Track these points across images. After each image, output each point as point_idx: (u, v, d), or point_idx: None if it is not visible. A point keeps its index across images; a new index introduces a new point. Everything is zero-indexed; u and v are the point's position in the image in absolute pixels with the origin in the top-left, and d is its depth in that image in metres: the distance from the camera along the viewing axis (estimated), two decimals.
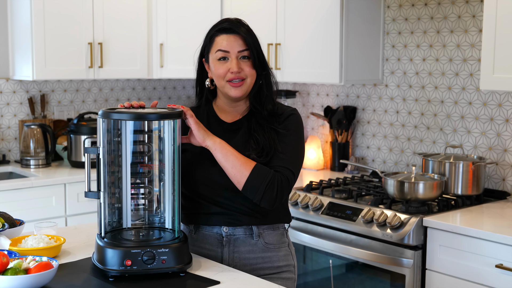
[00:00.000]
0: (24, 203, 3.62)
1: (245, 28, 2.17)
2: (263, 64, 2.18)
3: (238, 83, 2.14)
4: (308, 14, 3.72)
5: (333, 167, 4.06)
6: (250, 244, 2.18)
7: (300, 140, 2.21)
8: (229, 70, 2.12)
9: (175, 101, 4.89)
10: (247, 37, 2.15)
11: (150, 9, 4.25)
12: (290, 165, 2.12)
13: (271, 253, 2.20)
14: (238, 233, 2.17)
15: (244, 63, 2.14)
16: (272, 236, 2.21)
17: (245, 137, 2.17)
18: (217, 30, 2.17)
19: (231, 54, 2.13)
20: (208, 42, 2.18)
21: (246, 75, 2.14)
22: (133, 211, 2.09)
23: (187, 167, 2.15)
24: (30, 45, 3.88)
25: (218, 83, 2.17)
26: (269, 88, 2.21)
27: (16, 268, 1.80)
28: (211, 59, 2.17)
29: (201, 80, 2.26)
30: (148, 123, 2.04)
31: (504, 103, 3.32)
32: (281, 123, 2.18)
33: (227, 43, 2.13)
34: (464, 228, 2.74)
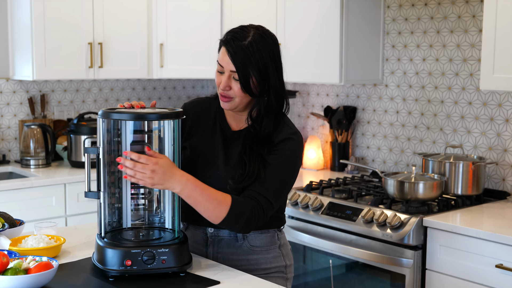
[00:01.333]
0: (24, 203, 3.62)
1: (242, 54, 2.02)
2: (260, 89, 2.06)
3: (226, 99, 2.08)
4: (308, 14, 3.72)
5: (333, 167, 4.06)
6: (235, 246, 2.16)
7: (289, 168, 2.09)
8: (220, 85, 2.08)
9: (175, 101, 4.89)
10: (235, 58, 2.02)
11: (150, 9, 4.25)
12: (269, 194, 2.03)
13: (258, 256, 2.17)
14: (222, 235, 2.16)
15: (234, 83, 2.05)
16: (259, 239, 2.17)
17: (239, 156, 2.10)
18: (223, 40, 2.09)
19: (225, 69, 2.06)
20: (219, 47, 2.11)
21: (235, 95, 2.06)
22: (133, 211, 2.09)
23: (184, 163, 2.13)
24: (30, 45, 3.88)
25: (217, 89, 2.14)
26: (268, 111, 2.09)
27: (16, 268, 1.80)
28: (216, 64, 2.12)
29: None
30: (148, 123, 2.04)
31: (504, 103, 3.32)
32: (274, 146, 2.08)
33: (222, 58, 2.06)
34: (464, 228, 2.74)
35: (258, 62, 2.04)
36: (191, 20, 4.23)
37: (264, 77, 2.05)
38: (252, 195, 2.02)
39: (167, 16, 4.25)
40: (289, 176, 2.09)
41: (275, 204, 2.06)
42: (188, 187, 1.94)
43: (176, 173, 1.93)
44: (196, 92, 5.00)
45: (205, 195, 1.96)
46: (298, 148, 2.12)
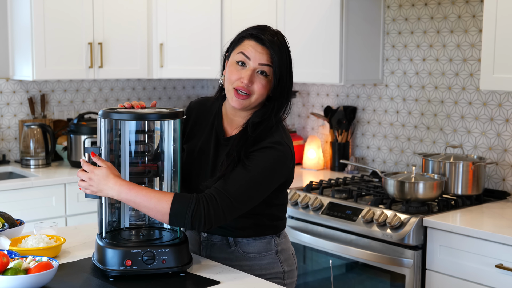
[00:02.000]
0: (24, 203, 3.62)
1: (278, 47, 2.01)
2: (283, 91, 2.04)
3: (243, 95, 2.01)
4: (308, 14, 3.72)
5: (333, 167, 4.06)
6: (227, 252, 2.14)
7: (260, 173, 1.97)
8: (240, 79, 2.01)
9: (175, 101, 4.90)
10: (274, 56, 2.00)
11: (150, 9, 4.25)
12: (229, 192, 1.93)
13: (251, 262, 2.13)
14: (215, 240, 2.15)
15: (258, 78, 2.01)
16: (253, 245, 2.13)
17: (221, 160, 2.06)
18: (250, 33, 2.04)
19: (251, 63, 2.01)
20: (237, 41, 2.07)
21: (254, 91, 2.01)
22: (133, 211, 2.09)
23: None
24: (30, 45, 3.88)
25: (226, 86, 2.07)
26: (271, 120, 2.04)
27: (16, 268, 1.80)
28: (231, 59, 2.05)
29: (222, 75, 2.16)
30: (148, 123, 2.04)
31: (504, 103, 3.32)
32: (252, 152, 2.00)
33: (252, 50, 2.01)
34: (464, 228, 2.74)
35: (288, 61, 2.04)
36: (191, 20, 4.23)
37: (289, 78, 2.05)
38: (209, 191, 1.94)
39: (167, 16, 4.25)
40: (259, 180, 1.97)
41: (237, 204, 1.94)
42: (123, 191, 1.92)
43: (110, 179, 1.93)
44: (196, 92, 5.00)
45: (141, 195, 1.91)
46: (277, 158, 2.00)
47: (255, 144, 2.01)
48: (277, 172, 2.02)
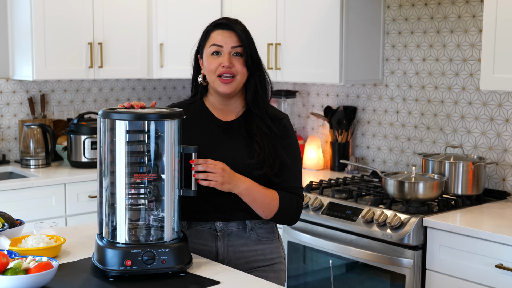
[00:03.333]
0: (24, 203, 3.62)
1: (241, 27, 2.20)
2: (256, 64, 2.20)
3: (228, 79, 2.16)
4: (308, 14, 3.72)
5: (333, 167, 4.06)
6: (244, 237, 2.21)
7: (299, 149, 2.28)
8: (220, 65, 2.15)
9: (175, 101, 4.88)
10: (241, 35, 2.17)
11: (150, 9, 4.25)
12: (301, 182, 2.25)
13: (264, 246, 2.24)
14: (231, 227, 2.20)
15: (236, 60, 2.17)
16: (264, 229, 2.24)
17: (246, 141, 2.19)
18: (213, 25, 2.21)
19: (224, 49, 2.16)
20: (204, 37, 2.23)
21: (237, 72, 2.16)
22: (133, 211, 2.09)
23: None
24: (30, 45, 3.88)
25: (209, 78, 2.20)
26: (264, 90, 2.23)
27: (16, 268, 1.80)
28: (205, 54, 2.20)
29: (196, 76, 2.29)
30: (148, 123, 2.04)
31: (504, 103, 3.32)
32: (280, 129, 2.22)
33: (221, 38, 2.17)
34: (464, 228, 2.74)
35: (252, 38, 2.21)
36: (191, 20, 4.23)
37: (256, 56, 2.20)
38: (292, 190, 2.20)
39: (167, 16, 4.25)
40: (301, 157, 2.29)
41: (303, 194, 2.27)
42: (248, 185, 2.11)
43: (236, 174, 2.10)
44: None
45: (261, 192, 2.13)
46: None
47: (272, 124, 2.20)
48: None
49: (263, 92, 2.22)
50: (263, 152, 2.15)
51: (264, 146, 2.16)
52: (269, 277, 2.23)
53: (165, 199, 2.04)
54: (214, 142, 2.20)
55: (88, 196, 3.83)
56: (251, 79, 2.21)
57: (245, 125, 2.21)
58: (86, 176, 3.83)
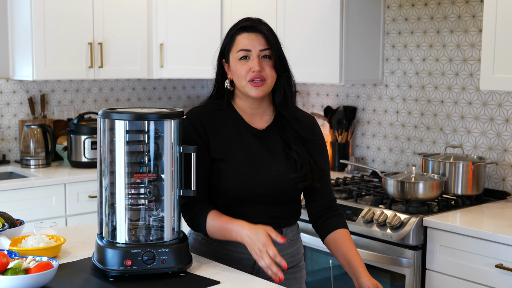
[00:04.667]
0: (24, 203, 3.62)
1: (266, 27, 2.14)
2: (284, 65, 2.15)
3: (259, 82, 2.10)
4: (308, 14, 3.72)
5: (333, 167, 4.06)
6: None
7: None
8: (250, 69, 2.09)
9: (175, 101, 4.89)
10: (269, 36, 2.12)
11: (150, 9, 4.25)
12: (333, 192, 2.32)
13: (293, 248, 2.26)
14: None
15: (265, 62, 2.11)
16: (293, 232, 2.26)
17: (284, 150, 2.17)
18: (238, 28, 2.13)
19: (253, 53, 2.10)
20: (229, 41, 2.15)
21: (267, 76, 2.11)
22: (133, 211, 2.08)
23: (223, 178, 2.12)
24: (30, 45, 3.88)
25: (239, 84, 2.13)
26: (291, 91, 2.18)
27: (16, 268, 1.80)
28: (232, 59, 2.13)
29: (221, 80, 2.21)
30: (147, 123, 2.04)
31: (504, 103, 3.32)
32: (313, 133, 2.23)
33: (248, 42, 2.10)
34: (464, 228, 2.74)
35: (278, 38, 2.16)
36: (191, 20, 4.23)
37: (283, 56, 2.16)
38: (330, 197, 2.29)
39: (167, 16, 4.25)
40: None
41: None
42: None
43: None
44: (196, 92, 5.00)
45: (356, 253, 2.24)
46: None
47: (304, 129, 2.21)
48: None
49: (290, 94, 2.17)
50: (302, 161, 2.14)
51: (303, 154, 2.16)
52: (297, 277, 2.26)
53: (165, 199, 2.04)
54: (253, 155, 2.16)
55: (88, 196, 3.83)
56: (278, 80, 2.15)
57: (279, 132, 2.19)
58: (86, 176, 3.83)
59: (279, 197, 2.16)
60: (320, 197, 2.27)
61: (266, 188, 2.13)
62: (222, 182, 2.12)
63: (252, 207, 2.14)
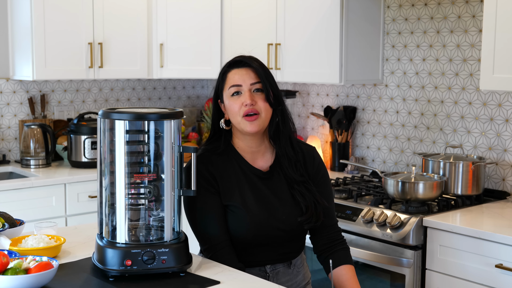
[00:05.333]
0: (24, 203, 3.62)
1: (257, 62, 2.14)
2: (277, 99, 2.14)
3: (253, 116, 2.10)
4: (308, 14, 3.72)
5: (333, 167, 4.06)
6: (288, 273, 2.24)
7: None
8: (242, 104, 2.09)
9: (175, 101, 4.90)
10: (258, 69, 2.12)
11: (150, 9, 4.25)
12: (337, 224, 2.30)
13: (300, 274, 2.29)
14: (278, 267, 2.22)
15: (257, 96, 2.11)
16: (299, 260, 2.30)
17: (289, 191, 2.18)
18: (228, 65, 2.16)
19: (244, 87, 2.11)
20: (221, 80, 2.16)
21: (261, 109, 2.10)
22: (133, 211, 2.09)
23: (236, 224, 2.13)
24: (30, 45, 3.88)
25: (234, 120, 2.13)
26: (285, 125, 2.17)
27: (16, 268, 1.80)
28: (225, 97, 2.14)
29: (217, 121, 2.21)
30: (147, 123, 2.04)
31: (504, 103, 3.32)
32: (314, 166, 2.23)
33: (239, 77, 2.11)
34: (464, 228, 2.74)
35: (270, 72, 2.16)
36: (191, 20, 4.23)
37: (276, 90, 2.15)
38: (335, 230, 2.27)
39: (167, 16, 4.25)
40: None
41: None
42: None
43: None
44: (196, 92, 5.00)
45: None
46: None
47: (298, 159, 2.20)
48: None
49: (284, 127, 2.17)
50: (306, 202, 2.15)
51: (307, 195, 2.16)
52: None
53: (165, 199, 2.04)
54: (262, 199, 2.16)
55: (88, 196, 3.83)
56: (273, 114, 2.15)
57: (282, 171, 2.19)
58: (86, 176, 3.83)
59: (289, 237, 2.19)
60: (325, 229, 2.26)
61: (278, 231, 2.15)
62: (236, 228, 2.14)
63: (265, 248, 2.17)
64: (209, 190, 2.14)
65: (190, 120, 4.87)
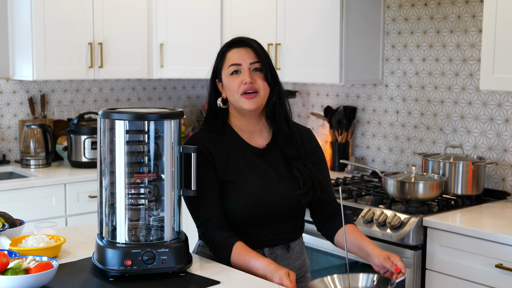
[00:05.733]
0: (24, 203, 3.62)
1: (256, 43, 2.18)
2: (275, 79, 2.18)
3: (252, 94, 2.13)
4: (308, 14, 3.72)
5: (333, 167, 4.06)
6: (287, 257, 2.24)
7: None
8: (242, 82, 2.13)
9: (175, 101, 4.90)
10: (258, 49, 2.16)
11: (150, 9, 4.25)
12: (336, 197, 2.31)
13: (300, 260, 2.29)
14: (277, 251, 2.23)
15: (256, 75, 2.15)
16: (299, 245, 2.30)
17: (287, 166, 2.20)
18: (227, 45, 2.19)
19: (243, 66, 2.14)
20: (220, 59, 2.20)
21: (259, 87, 2.14)
22: (133, 211, 2.09)
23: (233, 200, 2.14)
24: (30, 45, 3.88)
25: (232, 99, 2.16)
26: (282, 104, 2.21)
27: (16, 268, 1.80)
28: (224, 76, 2.18)
29: (214, 101, 2.25)
30: (147, 123, 2.04)
31: (504, 103, 3.32)
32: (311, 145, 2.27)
33: (238, 56, 2.15)
34: (464, 228, 2.74)
35: (269, 57, 2.19)
36: (191, 20, 4.23)
37: (274, 70, 2.19)
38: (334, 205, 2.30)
39: (167, 16, 4.25)
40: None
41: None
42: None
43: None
44: (196, 92, 5.00)
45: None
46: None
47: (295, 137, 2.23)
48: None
49: (280, 107, 2.20)
50: (303, 177, 2.17)
51: (304, 170, 2.18)
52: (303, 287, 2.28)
53: (165, 199, 2.04)
54: (259, 175, 2.18)
55: (88, 196, 3.83)
56: (270, 94, 2.19)
57: (279, 149, 2.22)
58: (86, 176, 3.83)
59: (287, 214, 2.20)
60: (325, 206, 2.30)
61: (276, 206, 2.16)
62: (233, 205, 2.14)
63: (262, 226, 2.18)
64: (205, 166, 2.15)
65: (190, 120, 4.87)
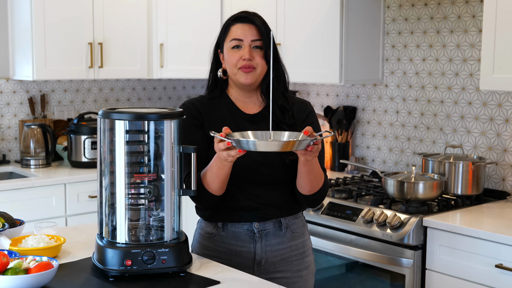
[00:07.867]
0: (24, 203, 3.62)
1: (260, 19, 2.23)
2: (275, 57, 2.21)
3: (248, 69, 2.18)
4: (308, 14, 3.72)
5: (333, 167, 4.06)
6: (279, 235, 2.24)
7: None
8: (241, 58, 2.17)
9: (175, 101, 4.90)
10: (261, 27, 2.20)
11: (150, 9, 4.25)
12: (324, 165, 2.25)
13: (298, 240, 2.28)
14: (268, 227, 2.23)
15: (256, 52, 2.19)
16: (296, 224, 2.29)
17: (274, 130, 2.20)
18: (233, 19, 2.24)
19: (245, 42, 2.19)
20: (224, 31, 2.25)
21: (257, 65, 2.18)
22: (133, 211, 2.09)
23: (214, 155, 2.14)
24: (30, 45, 3.88)
25: (230, 71, 2.22)
26: (279, 82, 2.23)
27: (16, 268, 1.80)
28: (226, 48, 2.22)
29: (215, 70, 2.31)
30: (147, 123, 2.04)
31: (504, 103, 3.32)
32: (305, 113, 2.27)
33: (241, 32, 2.20)
34: (464, 228, 2.74)
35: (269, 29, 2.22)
36: (191, 20, 4.23)
37: (274, 49, 2.20)
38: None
39: (167, 16, 4.25)
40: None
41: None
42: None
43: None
44: (196, 92, 5.00)
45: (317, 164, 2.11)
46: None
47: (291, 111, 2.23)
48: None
49: (278, 84, 2.22)
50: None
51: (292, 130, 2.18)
52: (303, 275, 2.28)
53: (165, 199, 2.04)
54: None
55: (88, 196, 3.83)
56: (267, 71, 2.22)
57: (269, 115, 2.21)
58: (86, 176, 3.83)
59: (271, 175, 2.18)
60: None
61: (260, 165, 2.16)
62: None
63: (247, 188, 2.18)
64: (192, 122, 2.20)
65: None
